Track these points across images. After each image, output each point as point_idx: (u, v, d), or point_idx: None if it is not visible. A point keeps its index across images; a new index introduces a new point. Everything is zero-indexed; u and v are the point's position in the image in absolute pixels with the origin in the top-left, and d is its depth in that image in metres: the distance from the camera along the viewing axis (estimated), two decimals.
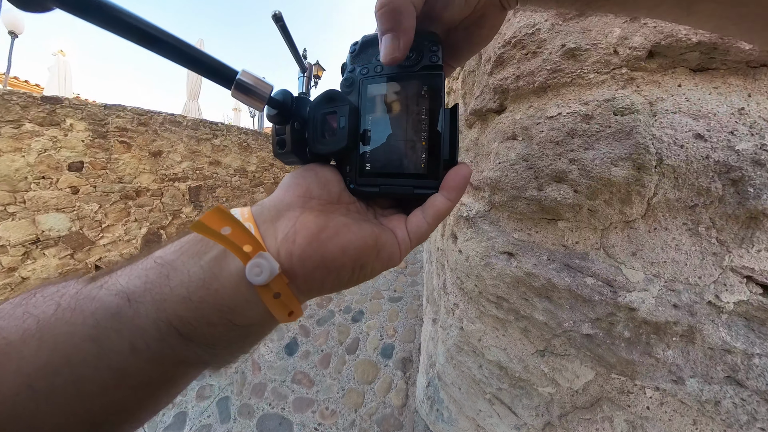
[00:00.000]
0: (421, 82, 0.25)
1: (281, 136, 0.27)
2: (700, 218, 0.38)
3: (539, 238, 0.49)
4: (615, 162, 0.38)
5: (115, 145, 2.84)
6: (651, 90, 0.37)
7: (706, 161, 0.35)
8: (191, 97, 6.88)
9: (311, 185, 0.24)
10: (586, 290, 0.43)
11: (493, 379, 0.68)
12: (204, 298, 0.18)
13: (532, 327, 0.55)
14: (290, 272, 0.20)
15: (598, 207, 0.41)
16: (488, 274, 0.58)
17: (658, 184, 0.37)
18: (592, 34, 0.39)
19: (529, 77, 0.45)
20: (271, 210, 0.22)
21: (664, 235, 0.40)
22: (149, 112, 3.12)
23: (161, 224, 3.36)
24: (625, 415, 0.48)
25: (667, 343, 0.42)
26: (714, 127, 0.34)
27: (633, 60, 0.37)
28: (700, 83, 0.36)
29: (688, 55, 0.35)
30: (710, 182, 0.36)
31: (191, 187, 3.65)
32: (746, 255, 0.37)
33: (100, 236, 2.77)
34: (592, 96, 0.40)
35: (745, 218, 0.37)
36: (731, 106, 0.34)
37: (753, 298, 0.37)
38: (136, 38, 0.19)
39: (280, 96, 0.25)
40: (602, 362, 0.48)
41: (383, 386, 1.60)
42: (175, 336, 0.18)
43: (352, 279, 0.22)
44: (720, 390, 0.40)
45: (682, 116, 0.35)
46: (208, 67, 0.22)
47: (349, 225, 0.22)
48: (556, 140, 0.42)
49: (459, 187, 0.24)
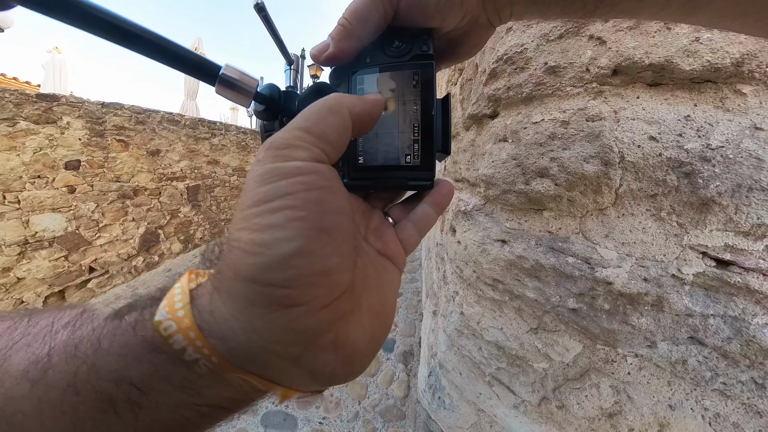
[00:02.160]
0: (412, 71, 0.24)
1: (270, 132, 0.26)
2: (662, 205, 0.48)
3: (528, 226, 0.59)
4: (587, 159, 0.47)
5: (113, 143, 2.86)
6: (615, 101, 0.47)
7: (659, 158, 0.45)
8: (189, 95, 6.88)
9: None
10: (568, 268, 0.53)
11: (492, 359, 0.77)
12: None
13: (525, 306, 0.64)
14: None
15: (575, 197, 0.51)
16: (485, 259, 0.67)
17: (623, 177, 0.47)
18: (569, 55, 0.49)
19: (517, 88, 0.55)
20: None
21: (632, 219, 0.49)
22: (147, 111, 3.15)
23: (159, 224, 3.39)
24: (610, 381, 0.57)
25: (641, 312, 0.51)
26: (664, 131, 0.44)
27: (601, 76, 0.47)
28: (653, 96, 0.45)
29: (644, 73, 0.45)
30: (665, 175, 0.46)
31: (189, 186, 3.69)
32: (701, 235, 0.47)
33: (96, 236, 2.79)
34: (568, 105, 0.50)
35: (699, 204, 0.46)
36: (678, 113, 0.44)
37: (708, 270, 0.46)
38: (108, 34, 0.19)
39: (267, 90, 0.25)
40: (588, 334, 0.57)
41: (386, 379, 1.69)
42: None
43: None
44: (686, 350, 0.49)
45: (639, 122, 0.45)
46: (189, 62, 0.21)
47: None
48: (539, 142, 0.52)
49: (446, 203, 0.27)
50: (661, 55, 0.43)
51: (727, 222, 0.44)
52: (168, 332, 0.16)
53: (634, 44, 0.45)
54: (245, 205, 0.17)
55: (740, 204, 0.43)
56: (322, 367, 0.17)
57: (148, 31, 0.20)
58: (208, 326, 0.16)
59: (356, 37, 0.23)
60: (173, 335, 0.15)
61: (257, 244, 0.15)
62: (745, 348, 0.44)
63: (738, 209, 0.43)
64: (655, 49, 0.43)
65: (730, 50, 0.40)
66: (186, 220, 3.72)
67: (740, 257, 0.45)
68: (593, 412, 0.58)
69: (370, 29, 0.23)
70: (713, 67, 0.41)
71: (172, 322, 0.16)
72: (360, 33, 0.23)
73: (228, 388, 0.17)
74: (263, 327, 0.15)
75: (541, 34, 0.52)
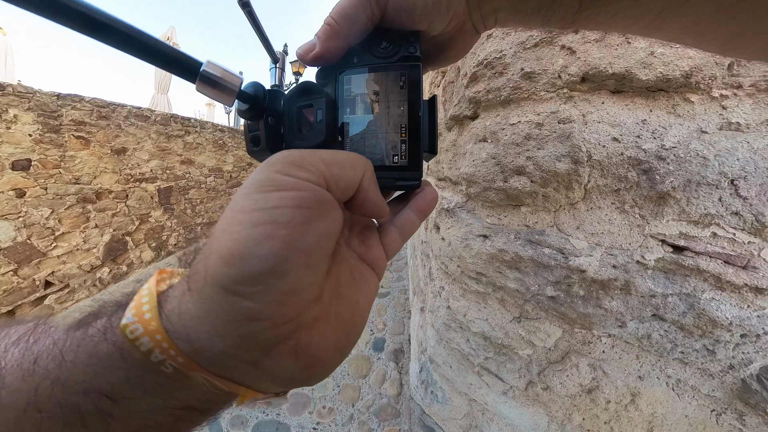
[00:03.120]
0: (399, 72, 0.25)
1: (255, 132, 0.26)
2: (625, 199, 0.54)
3: (507, 221, 0.64)
4: (559, 158, 0.53)
5: (71, 140, 2.58)
6: (583, 105, 0.53)
7: (621, 157, 0.50)
8: (160, 89, 6.42)
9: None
10: (545, 258, 0.58)
11: (479, 350, 0.82)
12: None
13: (507, 296, 0.70)
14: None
15: (549, 193, 0.56)
16: (468, 254, 0.72)
17: (590, 174, 0.53)
18: (543, 62, 0.54)
19: (496, 92, 0.60)
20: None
21: (600, 212, 0.55)
22: (111, 105, 2.89)
23: (127, 230, 3.15)
24: (588, 361, 0.63)
25: (612, 296, 0.57)
26: (624, 133, 0.50)
27: (571, 83, 0.53)
28: (616, 101, 0.51)
29: (608, 81, 0.51)
30: (627, 172, 0.52)
31: (161, 188, 3.47)
32: (660, 225, 0.53)
33: (53, 246, 2.52)
34: (542, 109, 0.55)
35: (656, 198, 0.52)
36: (637, 118, 0.50)
37: (666, 256, 0.53)
38: (72, 23, 0.17)
39: (251, 89, 0.24)
40: (566, 319, 0.63)
41: (377, 378, 1.72)
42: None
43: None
44: (650, 326, 0.56)
45: (603, 125, 0.51)
46: (166, 57, 0.20)
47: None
48: (516, 142, 0.57)
49: (429, 210, 0.28)
50: (622, 65, 0.49)
51: (681, 213, 0.51)
52: (134, 335, 0.16)
53: (600, 55, 0.50)
54: (235, 207, 0.17)
55: (691, 197, 0.50)
56: (282, 372, 0.18)
57: (119, 21, 0.18)
58: (175, 327, 0.16)
59: (343, 37, 0.23)
60: (140, 338, 0.16)
61: (233, 254, 0.16)
62: (697, 320, 0.51)
63: (689, 201, 0.50)
64: (618, 60, 0.49)
65: (679, 64, 0.47)
66: (158, 225, 3.54)
67: (692, 243, 0.51)
68: (574, 390, 0.65)
69: (358, 29, 0.23)
70: (665, 78, 0.48)
71: (139, 324, 0.16)
72: (347, 33, 0.23)
73: (199, 390, 0.17)
74: (225, 333, 0.16)
75: (518, 42, 0.57)
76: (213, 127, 4.21)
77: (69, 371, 0.16)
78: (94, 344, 0.17)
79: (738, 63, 0.46)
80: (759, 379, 0.49)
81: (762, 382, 0.48)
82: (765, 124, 0.46)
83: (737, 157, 0.46)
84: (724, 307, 0.49)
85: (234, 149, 4.54)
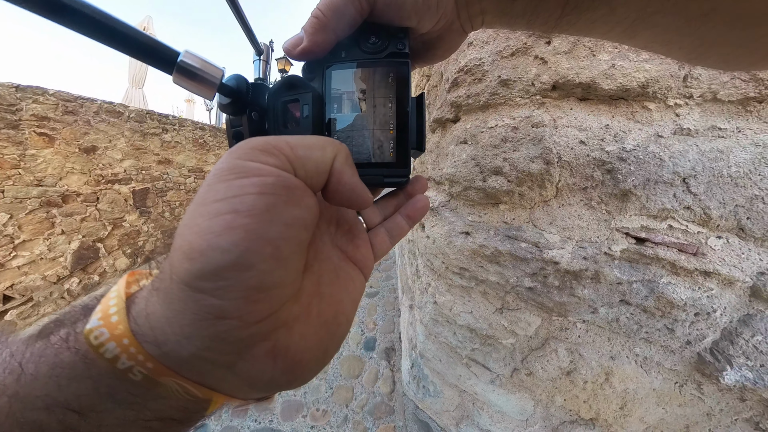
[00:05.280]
0: (387, 69, 0.25)
1: (237, 128, 0.26)
2: (592, 196, 0.61)
3: (487, 218, 0.71)
4: (532, 159, 0.60)
5: (32, 137, 2.44)
6: (554, 111, 0.59)
7: (587, 158, 0.57)
8: (135, 83, 6.12)
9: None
10: (522, 252, 0.65)
11: (466, 342, 0.88)
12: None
13: (489, 289, 0.76)
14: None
15: (525, 192, 0.63)
16: (451, 250, 0.79)
17: (561, 174, 0.60)
18: (518, 71, 0.61)
19: (476, 97, 0.66)
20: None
21: (570, 209, 0.62)
22: (80, 99, 2.73)
23: (98, 236, 2.99)
24: (565, 345, 0.70)
25: (584, 285, 0.64)
26: (590, 136, 0.57)
27: (543, 90, 0.59)
28: (583, 108, 0.58)
29: (575, 89, 0.58)
30: (593, 171, 0.59)
31: (136, 190, 3.34)
32: (624, 219, 0.60)
33: (11, 256, 2.35)
34: (518, 113, 0.62)
35: (620, 195, 0.59)
36: (600, 123, 0.57)
37: (630, 247, 0.60)
38: (35, 6, 0.16)
39: (233, 82, 0.24)
40: (544, 308, 0.70)
41: (370, 377, 1.77)
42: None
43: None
44: (618, 310, 0.63)
45: (572, 129, 0.58)
46: (140, 46, 0.19)
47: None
48: (494, 144, 0.63)
49: (419, 217, 0.28)
50: (587, 75, 0.56)
51: (641, 208, 0.58)
52: (99, 340, 0.15)
53: (569, 66, 0.57)
54: (197, 199, 0.16)
55: (650, 194, 0.57)
56: (260, 375, 0.17)
57: (86, 4, 0.17)
58: (143, 330, 0.16)
59: (331, 30, 0.23)
60: (105, 343, 0.15)
61: (194, 248, 0.15)
62: (657, 302, 0.58)
63: (648, 198, 0.57)
64: (584, 71, 0.56)
65: (636, 76, 0.54)
66: (133, 230, 3.39)
67: (652, 235, 0.59)
68: (555, 373, 0.72)
69: (346, 23, 0.23)
70: (624, 88, 0.55)
71: (105, 329, 0.15)
72: (335, 26, 0.23)
73: (174, 398, 0.16)
74: (192, 334, 0.15)
75: (496, 51, 0.63)
76: (193, 124, 4.07)
77: (29, 385, 0.15)
78: (58, 354, 0.16)
79: (691, 76, 0.53)
80: (712, 352, 0.56)
81: (714, 354, 0.56)
82: (711, 130, 0.53)
83: (688, 159, 0.53)
84: (680, 290, 0.56)
85: (216, 148, 4.41)
